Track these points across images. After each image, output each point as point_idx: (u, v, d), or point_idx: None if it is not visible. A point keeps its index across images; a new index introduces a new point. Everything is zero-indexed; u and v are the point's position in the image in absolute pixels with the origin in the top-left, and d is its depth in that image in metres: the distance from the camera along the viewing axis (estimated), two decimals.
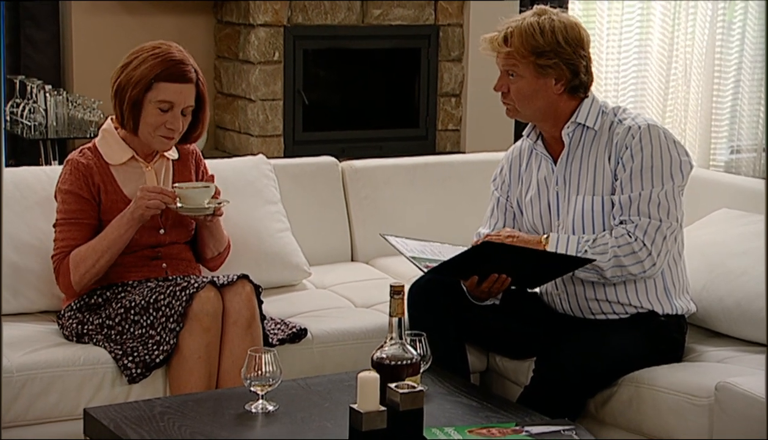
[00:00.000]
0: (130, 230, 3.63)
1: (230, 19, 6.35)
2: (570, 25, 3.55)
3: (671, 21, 7.59)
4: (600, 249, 3.48)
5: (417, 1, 6.51)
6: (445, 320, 3.65)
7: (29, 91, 5.88)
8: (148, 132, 3.67)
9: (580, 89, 3.58)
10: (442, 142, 6.67)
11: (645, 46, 7.63)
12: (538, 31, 3.51)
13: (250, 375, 3.01)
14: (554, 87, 3.55)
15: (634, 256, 3.47)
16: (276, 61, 6.23)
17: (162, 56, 3.66)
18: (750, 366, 3.45)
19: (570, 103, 3.59)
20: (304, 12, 6.26)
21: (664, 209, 3.48)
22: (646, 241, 3.47)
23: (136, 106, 3.66)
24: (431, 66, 6.62)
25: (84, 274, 3.62)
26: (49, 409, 3.41)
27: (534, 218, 3.70)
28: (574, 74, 3.55)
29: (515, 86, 3.57)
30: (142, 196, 3.60)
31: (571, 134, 3.61)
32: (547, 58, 3.51)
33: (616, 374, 3.48)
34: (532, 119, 3.65)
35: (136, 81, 3.64)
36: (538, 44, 3.50)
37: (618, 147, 3.53)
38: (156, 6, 6.36)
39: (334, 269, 4.39)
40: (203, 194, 3.66)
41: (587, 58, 3.58)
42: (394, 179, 4.61)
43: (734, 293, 3.70)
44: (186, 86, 3.67)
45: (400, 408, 2.79)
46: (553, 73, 3.53)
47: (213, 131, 6.54)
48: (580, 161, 3.60)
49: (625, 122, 3.57)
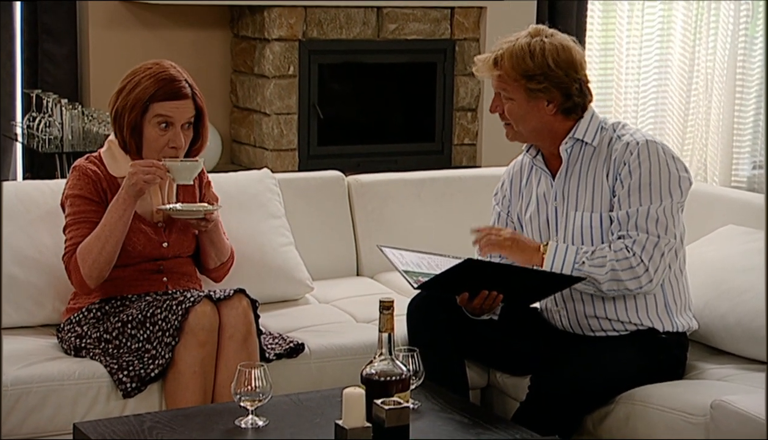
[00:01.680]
0: (129, 210, 3.59)
1: (246, 33, 6.37)
2: (562, 47, 3.52)
3: (692, 35, 7.56)
4: (598, 262, 3.46)
5: (433, 15, 6.50)
6: (444, 336, 3.63)
7: (45, 106, 5.92)
8: (152, 154, 3.66)
9: (574, 111, 3.56)
10: (458, 156, 6.65)
11: (665, 60, 7.59)
12: (528, 54, 3.48)
13: (240, 390, 3.01)
14: (546, 108, 3.53)
15: (631, 271, 3.44)
16: (291, 75, 6.24)
17: (154, 76, 3.65)
18: (750, 384, 3.42)
19: (566, 123, 3.57)
20: (319, 26, 6.27)
21: (662, 226, 3.45)
22: (644, 257, 3.44)
23: (136, 130, 3.66)
24: (447, 80, 6.61)
25: (92, 264, 3.59)
26: (43, 423, 3.41)
27: (533, 233, 3.68)
28: (566, 97, 3.52)
29: (508, 107, 3.55)
30: (136, 171, 3.56)
31: (569, 149, 3.59)
32: (537, 81, 3.48)
33: (613, 391, 3.45)
34: (530, 139, 3.62)
35: (132, 105, 3.64)
36: (528, 67, 3.48)
37: (616, 163, 3.51)
38: (173, 21, 6.38)
39: (339, 284, 4.38)
40: (192, 168, 3.65)
41: (581, 81, 3.54)
42: (401, 193, 4.60)
43: (736, 310, 3.66)
44: (182, 103, 3.67)
45: (385, 424, 2.78)
46: (543, 97, 3.51)
47: (229, 145, 6.56)
48: (578, 176, 3.58)
49: (624, 137, 3.54)
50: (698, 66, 7.60)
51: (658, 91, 7.61)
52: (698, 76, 7.61)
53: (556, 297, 3.63)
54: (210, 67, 6.51)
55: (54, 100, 5.89)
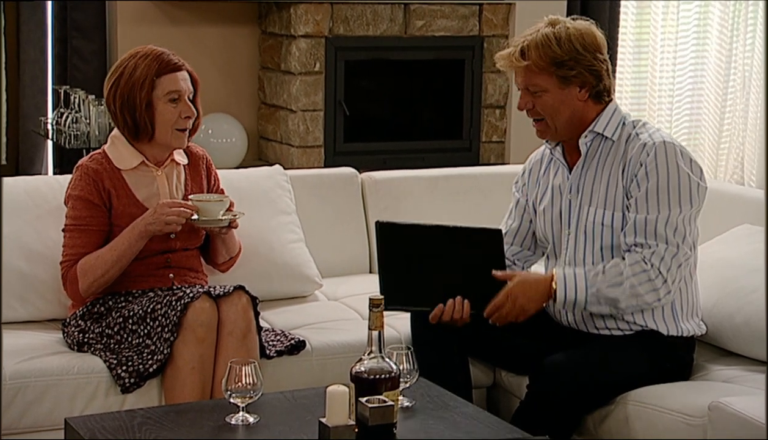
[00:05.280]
0: (141, 242, 3.64)
1: (273, 30, 6.36)
2: (585, 31, 3.48)
3: (729, 32, 7.45)
4: (615, 281, 3.40)
5: (461, 11, 6.46)
6: (447, 335, 3.61)
7: (73, 102, 5.95)
8: (166, 131, 3.70)
9: (605, 94, 3.52)
10: (486, 153, 6.61)
11: (701, 58, 7.49)
12: (555, 41, 3.44)
13: (230, 386, 3.00)
14: (579, 94, 3.49)
15: (650, 283, 3.39)
16: (317, 71, 6.22)
17: (148, 56, 3.71)
18: (754, 385, 3.36)
19: (595, 109, 3.52)
20: (346, 23, 6.25)
21: (680, 235, 3.39)
22: (662, 269, 3.38)
23: (149, 107, 3.68)
24: (475, 77, 6.56)
25: (92, 283, 3.64)
26: (41, 418, 3.42)
27: (545, 225, 3.65)
28: (598, 79, 3.49)
29: (541, 101, 3.49)
30: (162, 212, 3.60)
31: (588, 143, 3.54)
32: (568, 67, 3.44)
33: (616, 390, 3.41)
34: (564, 132, 3.54)
35: (140, 85, 3.67)
36: (556, 54, 3.43)
37: (632, 162, 3.45)
38: (201, 17, 6.39)
39: (349, 280, 4.36)
40: (219, 206, 3.68)
41: (607, 62, 3.51)
42: (415, 190, 4.57)
43: (743, 310, 3.60)
44: (182, 73, 3.74)
45: (369, 422, 2.76)
46: (576, 82, 3.46)
47: (256, 141, 6.56)
48: (595, 171, 3.53)
49: (642, 136, 3.48)
50: (735, 64, 7.49)
51: (694, 90, 7.50)
52: (735, 74, 7.50)
53: None
54: (238, 64, 6.51)
55: (81, 96, 5.92)
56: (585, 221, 3.53)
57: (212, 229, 3.72)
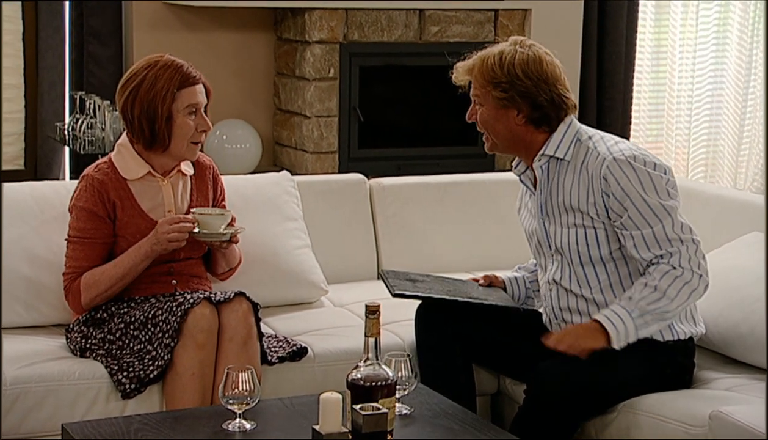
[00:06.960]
0: (146, 262, 3.65)
1: (288, 36, 6.37)
2: (534, 59, 3.48)
3: (749, 36, 7.41)
4: (653, 297, 3.36)
5: (476, 17, 6.44)
6: (451, 342, 3.61)
7: (88, 107, 5.96)
8: (182, 143, 3.69)
9: (546, 123, 3.50)
10: (502, 160, 6.59)
11: (721, 62, 7.45)
12: (498, 63, 3.48)
13: (227, 393, 3.00)
14: (516, 118, 3.50)
15: (688, 286, 3.37)
16: (331, 77, 6.22)
17: (171, 67, 3.68)
18: (756, 394, 3.33)
19: (538, 135, 3.53)
20: (360, 29, 6.25)
21: (688, 229, 3.41)
22: (693, 266, 3.37)
23: (169, 120, 3.68)
24: None
25: (95, 297, 3.65)
26: (41, 423, 3.42)
27: (531, 246, 3.68)
28: (534, 107, 3.48)
29: (479, 113, 3.56)
30: (162, 231, 3.60)
31: (544, 166, 3.54)
32: (502, 90, 3.47)
33: (610, 397, 3.40)
34: (506, 149, 3.59)
35: (161, 97, 3.65)
36: (495, 75, 3.47)
37: (594, 177, 3.42)
38: (217, 23, 6.40)
39: (356, 287, 4.34)
40: (220, 220, 3.67)
41: (552, 93, 3.48)
42: (423, 196, 4.56)
43: (749, 319, 3.57)
44: (199, 86, 3.73)
45: (362, 430, 2.75)
46: (511, 106, 3.48)
47: (271, 147, 6.57)
48: (557, 192, 3.53)
49: (600, 149, 3.47)
50: (756, 69, 7.44)
51: (713, 95, 7.46)
52: (756, 79, 7.46)
53: (554, 310, 3.60)
54: (253, 70, 6.52)
55: (96, 101, 5.94)
56: (559, 241, 3.53)
57: (213, 243, 3.71)
